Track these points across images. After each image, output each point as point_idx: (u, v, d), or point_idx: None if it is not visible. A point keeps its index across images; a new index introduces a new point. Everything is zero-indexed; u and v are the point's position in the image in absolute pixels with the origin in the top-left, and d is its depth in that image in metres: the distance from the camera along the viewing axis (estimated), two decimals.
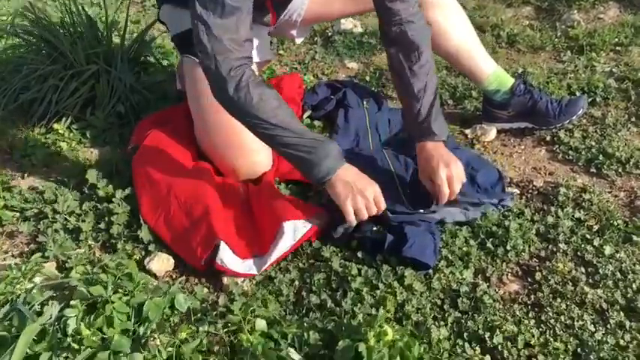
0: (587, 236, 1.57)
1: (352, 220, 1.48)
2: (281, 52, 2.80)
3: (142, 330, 1.31)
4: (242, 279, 1.49)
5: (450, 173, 1.58)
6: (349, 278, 1.44)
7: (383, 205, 1.51)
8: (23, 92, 2.25)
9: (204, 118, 1.82)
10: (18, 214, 1.79)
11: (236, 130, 1.74)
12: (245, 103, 1.44)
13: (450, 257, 1.50)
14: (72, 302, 1.34)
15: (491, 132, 2.09)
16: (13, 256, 1.65)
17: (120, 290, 1.38)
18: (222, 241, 1.49)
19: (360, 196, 1.47)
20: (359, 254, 1.51)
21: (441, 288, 1.43)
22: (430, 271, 1.47)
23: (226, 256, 1.48)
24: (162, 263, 1.56)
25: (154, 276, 1.55)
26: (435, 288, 1.42)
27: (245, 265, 1.50)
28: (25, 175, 1.99)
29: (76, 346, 1.20)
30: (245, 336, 1.25)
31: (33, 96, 2.22)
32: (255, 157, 1.78)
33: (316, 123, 2.11)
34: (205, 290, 1.49)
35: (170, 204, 1.64)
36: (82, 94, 2.20)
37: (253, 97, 1.43)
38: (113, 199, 1.73)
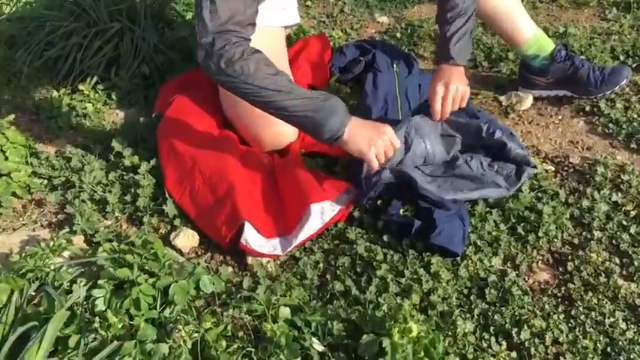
0: (624, 222, 1.51)
1: (375, 166, 1.49)
2: (308, 2, 2.70)
3: (167, 313, 1.32)
4: (266, 260, 1.49)
5: (446, 92, 1.61)
6: (374, 264, 1.42)
7: (397, 143, 1.53)
8: (48, 49, 2.21)
9: None
10: (46, 182, 1.79)
11: None
12: (242, 73, 1.40)
13: (479, 243, 1.47)
14: (99, 282, 1.35)
15: (527, 100, 2.00)
16: (42, 226, 1.66)
17: (146, 267, 1.39)
18: (246, 221, 1.48)
19: (377, 139, 1.48)
20: (384, 237, 1.49)
21: (468, 276, 1.40)
22: (457, 257, 1.44)
23: (251, 236, 1.47)
24: (187, 239, 1.55)
25: (179, 252, 1.55)
26: (462, 276, 1.40)
27: (270, 245, 1.49)
28: (52, 138, 1.99)
29: (103, 333, 1.22)
30: (269, 325, 1.25)
31: (57, 53, 2.19)
32: (281, 127, 1.73)
33: (344, 88, 2.04)
34: (230, 270, 1.49)
35: (195, 179, 1.62)
36: (105, 53, 2.16)
37: (250, 67, 1.39)
38: (139, 171, 1.72)
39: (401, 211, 1.52)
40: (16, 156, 1.80)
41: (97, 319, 1.28)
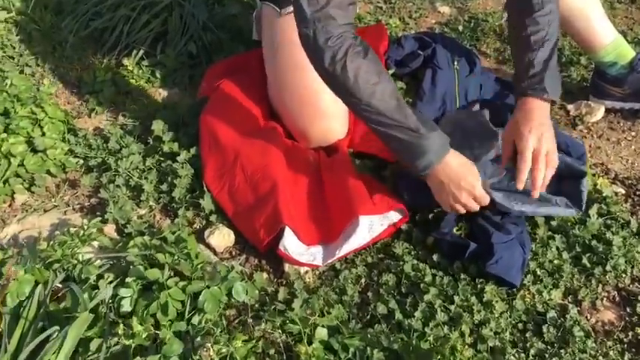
0: None
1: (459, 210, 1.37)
2: None
3: (196, 320, 1.24)
4: (304, 269, 1.39)
5: (539, 147, 1.31)
6: (422, 286, 1.31)
7: (486, 201, 1.35)
8: (95, 19, 2.14)
9: (279, 75, 1.66)
10: (82, 162, 1.73)
11: (312, 91, 1.58)
12: (341, 78, 1.27)
13: (539, 272, 1.34)
14: (127, 280, 1.28)
15: (599, 111, 1.83)
16: (74, 209, 1.60)
17: (177, 268, 1.31)
18: (287, 226, 1.38)
19: (463, 193, 1.33)
20: (434, 257, 1.37)
21: (524, 309, 1.28)
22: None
23: (290, 244, 1.37)
24: (222, 238, 1.46)
25: (213, 251, 1.46)
26: (517, 308, 1.27)
27: (309, 254, 1.39)
28: (92, 114, 1.92)
29: (126, 342, 1.14)
30: (304, 347, 1.15)
31: (104, 25, 2.11)
32: (330, 123, 1.62)
33: (399, 83, 1.90)
34: (265, 276, 1.39)
35: (236, 175, 1.53)
36: (153, 28, 2.07)
37: (349, 74, 1.26)
38: (177, 159, 1.63)
39: (455, 229, 1.40)
40: (54, 132, 1.73)
41: (121, 323, 1.20)
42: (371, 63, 1.28)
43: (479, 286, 1.30)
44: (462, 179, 1.32)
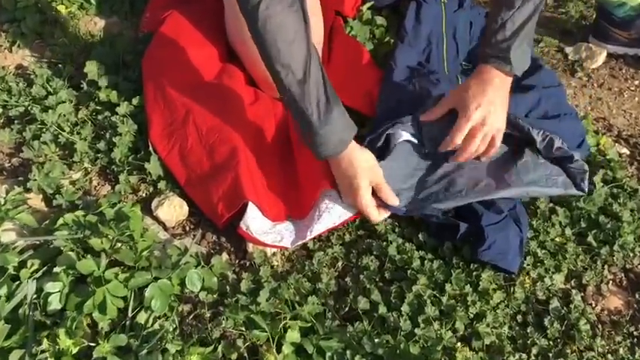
0: None
1: (371, 215, 1.18)
2: None
3: (142, 318, 1.03)
4: (271, 250, 1.18)
5: (482, 127, 1.17)
6: (408, 272, 1.12)
7: (372, 216, 1.17)
8: None
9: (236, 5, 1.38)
10: (1, 110, 1.44)
11: None
12: (251, 19, 1.08)
13: (539, 253, 1.17)
14: (56, 269, 1.05)
15: (601, 56, 1.63)
16: None
17: (122, 247, 1.08)
18: (250, 202, 1.16)
19: (363, 194, 1.16)
20: (420, 236, 1.18)
21: (523, 298, 1.11)
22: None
23: (254, 223, 1.15)
24: (173, 210, 1.23)
25: (162, 225, 1.23)
26: (516, 297, 1.11)
27: (276, 232, 1.18)
28: (14, 48, 1.60)
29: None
30: (272, 357, 0.97)
31: None
32: None
33: (378, 19, 1.64)
34: (225, 258, 1.18)
35: (188, 133, 1.27)
36: None
37: (259, 16, 1.06)
38: (117, 110, 1.36)
39: (443, 210, 1.20)
40: None
41: (47, 333, 0.98)
42: (293, 16, 1.07)
43: (474, 273, 1.13)
44: (366, 165, 1.16)
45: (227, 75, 1.38)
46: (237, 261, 1.19)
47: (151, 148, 1.29)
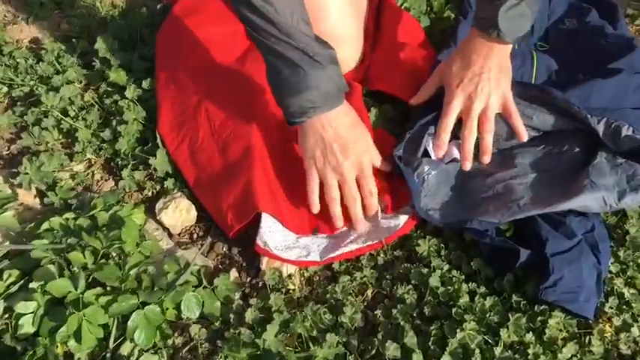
0: None
1: (313, 204, 0.99)
2: None
3: (126, 350, 0.86)
4: (290, 268, 0.98)
5: (470, 106, 0.97)
6: (453, 312, 0.90)
7: (370, 191, 0.98)
8: None
9: None
10: (6, 89, 1.29)
11: (313, 5, 1.10)
12: None
13: (627, 293, 0.91)
14: (32, 285, 0.89)
15: None
16: None
17: (107, 263, 0.92)
18: (264, 214, 0.96)
19: (339, 160, 0.96)
20: (473, 263, 0.95)
21: (602, 352, 0.87)
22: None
23: (273, 238, 0.96)
24: (179, 215, 1.06)
25: (167, 231, 1.06)
26: (593, 351, 0.87)
27: (301, 247, 0.98)
28: (30, 19, 1.46)
29: None
30: None
31: None
32: (337, 47, 1.15)
33: None
34: (234, 276, 0.99)
35: (199, 125, 1.09)
36: None
37: None
38: (125, 94, 1.19)
39: (501, 227, 0.96)
40: None
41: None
42: None
43: (538, 317, 0.89)
44: (353, 142, 0.96)
45: (252, 57, 1.17)
46: (248, 279, 1.00)
47: (158, 140, 1.11)
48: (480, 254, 0.96)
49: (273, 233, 0.96)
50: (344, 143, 0.95)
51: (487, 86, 0.95)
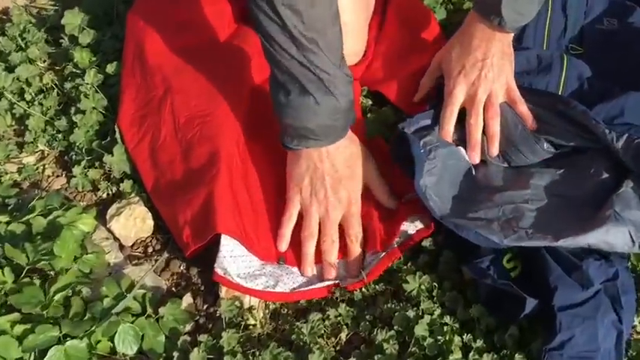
0: None
1: (282, 237, 0.86)
2: None
3: None
4: (250, 300, 0.83)
5: (475, 92, 0.87)
6: None
7: (355, 235, 0.85)
8: None
9: None
10: None
11: None
12: None
13: None
14: None
15: None
16: None
17: (30, 283, 0.77)
18: (225, 236, 0.81)
19: (327, 195, 0.84)
20: (472, 310, 0.78)
21: None
22: None
23: (233, 265, 0.81)
24: (132, 223, 0.91)
25: (118, 242, 0.91)
26: None
27: (268, 275, 0.82)
28: None
29: None
30: None
31: None
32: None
33: None
34: (187, 302, 0.85)
35: (163, 121, 0.93)
36: None
37: None
38: (85, 78, 1.04)
39: (505, 260, 0.80)
40: None
41: None
42: None
43: None
44: (347, 178, 0.85)
45: (239, 42, 1.01)
46: (204, 306, 0.86)
47: (117, 135, 0.96)
48: (479, 296, 0.80)
49: (235, 258, 0.81)
50: (337, 177, 0.84)
51: (491, 72, 0.87)
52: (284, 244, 0.85)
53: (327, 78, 0.77)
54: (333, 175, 0.83)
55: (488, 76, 0.87)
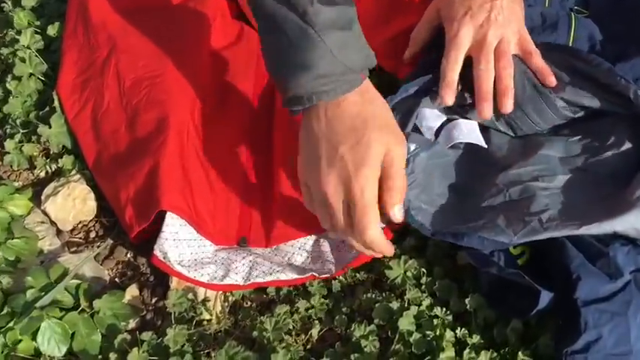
0: None
1: (327, 228, 0.64)
2: None
3: None
4: (205, 292, 0.70)
5: (484, 38, 0.71)
6: None
7: (398, 216, 0.63)
8: None
9: None
10: None
11: None
12: None
13: None
14: None
15: None
16: None
17: None
18: (171, 214, 0.68)
19: (344, 179, 0.60)
20: (468, 300, 0.66)
21: None
22: None
23: (176, 249, 0.68)
24: (71, 205, 0.78)
25: (55, 225, 0.79)
26: None
27: (216, 263, 0.70)
28: None
29: None
30: None
31: None
32: None
33: None
34: (133, 293, 0.72)
35: (106, 85, 0.80)
36: None
37: None
38: (21, 40, 0.91)
39: (512, 249, 0.67)
40: None
41: None
42: None
43: None
44: (351, 147, 0.60)
45: (195, 4, 0.88)
46: (153, 300, 0.73)
47: (56, 104, 0.83)
48: (479, 287, 0.67)
49: (179, 242, 0.68)
50: (334, 141, 0.62)
51: (501, 15, 0.71)
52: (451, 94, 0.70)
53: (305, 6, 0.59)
54: (331, 141, 0.61)
55: (498, 18, 0.72)
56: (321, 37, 0.60)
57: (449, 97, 0.71)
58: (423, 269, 0.69)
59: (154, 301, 0.73)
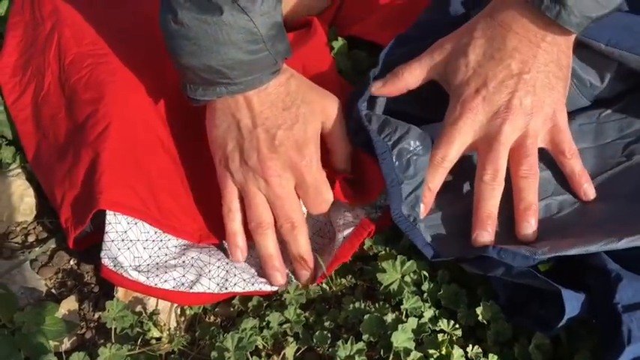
0: None
1: (232, 234, 0.58)
2: None
3: None
4: (155, 303, 0.57)
5: (491, 136, 0.53)
6: None
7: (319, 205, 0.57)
8: None
9: None
10: None
11: None
12: None
13: None
14: None
15: None
16: None
17: None
18: (115, 216, 0.55)
19: (253, 163, 0.55)
20: (479, 311, 0.52)
21: None
22: None
23: (129, 251, 0.55)
24: (5, 204, 0.66)
25: None
26: None
27: (183, 266, 0.57)
28: None
29: None
30: None
31: None
32: None
33: None
34: (69, 308, 0.59)
35: (47, 63, 0.68)
36: None
37: None
38: None
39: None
40: None
41: None
42: None
43: None
44: (288, 126, 0.55)
45: None
46: (95, 315, 0.60)
47: None
48: (494, 294, 0.54)
49: (130, 243, 0.55)
50: (270, 127, 0.55)
51: (530, 97, 0.53)
52: (239, 244, 0.58)
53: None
54: (265, 125, 0.55)
55: (524, 103, 0.53)
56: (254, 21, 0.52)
57: (428, 203, 0.56)
58: (425, 273, 0.56)
59: (96, 316, 0.60)
